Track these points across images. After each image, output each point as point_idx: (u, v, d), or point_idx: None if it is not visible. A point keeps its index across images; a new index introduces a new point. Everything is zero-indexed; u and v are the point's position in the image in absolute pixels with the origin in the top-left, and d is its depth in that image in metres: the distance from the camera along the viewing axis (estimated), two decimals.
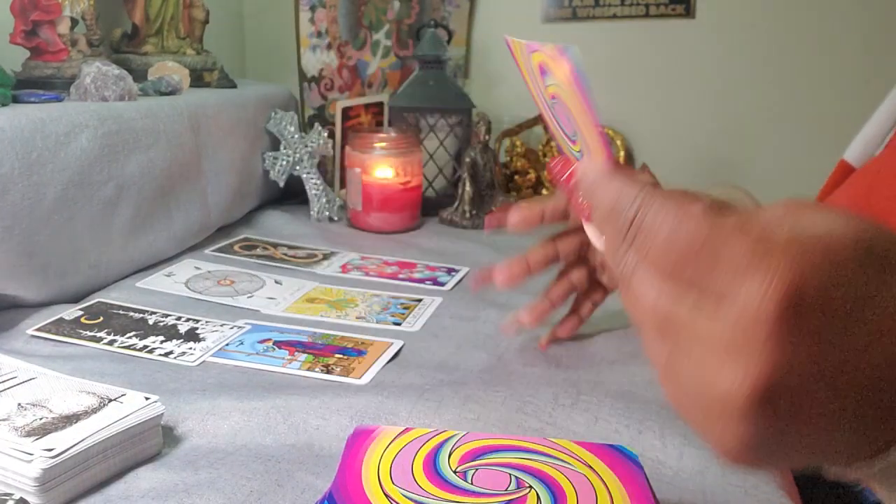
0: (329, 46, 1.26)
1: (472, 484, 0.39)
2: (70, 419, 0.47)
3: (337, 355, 0.67)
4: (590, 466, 0.41)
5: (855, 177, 0.66)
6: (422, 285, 0.88)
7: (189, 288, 0.84)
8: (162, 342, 0.69)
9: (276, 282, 0.87)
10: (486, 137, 1.17)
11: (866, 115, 0.69)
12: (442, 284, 0.88)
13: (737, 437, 0.24)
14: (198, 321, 0.74)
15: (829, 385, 0.23)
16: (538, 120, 1.43)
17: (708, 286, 0.24)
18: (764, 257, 0.23)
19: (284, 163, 1.14)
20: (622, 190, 0.28)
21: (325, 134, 1.18)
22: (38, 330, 0.70)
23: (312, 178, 1.16)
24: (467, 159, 1.15)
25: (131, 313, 0.75)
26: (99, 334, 0.70)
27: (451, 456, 0.42)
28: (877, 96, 0.68)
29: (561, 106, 0.40)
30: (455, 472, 0.40)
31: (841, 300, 0.22)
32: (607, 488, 0.39)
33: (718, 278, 0.24)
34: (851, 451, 0.25)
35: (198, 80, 1.10)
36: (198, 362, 0.65)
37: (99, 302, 0.78)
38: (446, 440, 0.43)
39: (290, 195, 1.23)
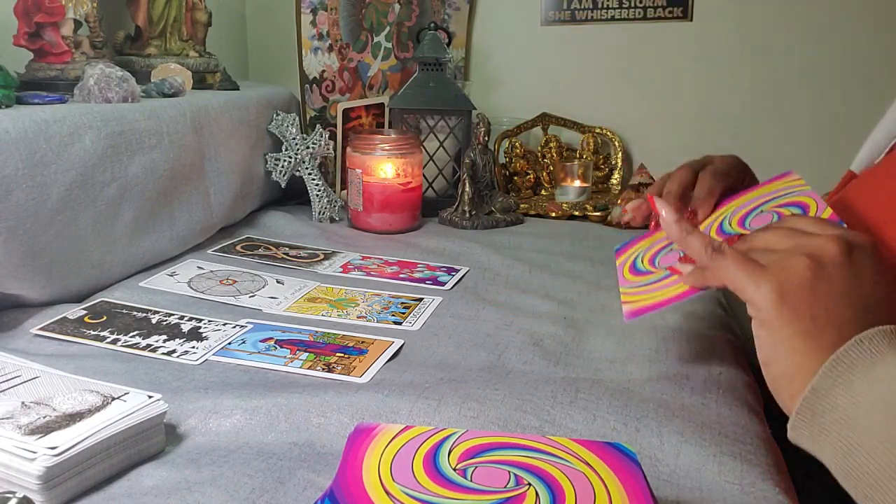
0: (330, 49, 1.26)
1: (471, 481, 0.40)
2: (73, 417, 0.48)
3: (338, 354, 0.67)
4: (588, 464, 0.41)
5: (853, 184, 0.67)
6: (422, 285, 0.88)
7: (192, 287, 0.85)
8: (165, 341, 0.69)
9: (278, 281, 0.88)
10: (486, 139, 1.18)
11: (865, 117, 0.69)
12: (442, 284, 0.89)
13: None
14: (200, 320, 0.74)
15: None
16: (536, 121, 1.43)
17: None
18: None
19: (286, 164, 1.15)
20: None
21: (327, 135, 1.19)
22: (42, 329, 0.71)
23: (314, 179, 1.16)
24: (467, 160, 1.16)
25: (134, 313, 0.76)
26: (102, 333, 0.71)
27: (451, 454, 0.42)
28: (876, 98, 0.69)
29: (766, 216, 0.59)
30: (455, 469, 0.41)
31: None
32: (605, 486, 0.40)
33: None
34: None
35: (200, 81, 1.11)
36: (200, 361, 0.66)
37: (102, 301, 0.79)
38: (446, 438, 0.43)
39: (292, 196, 1.24)
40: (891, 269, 0.47)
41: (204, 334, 0.71)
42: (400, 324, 0.76)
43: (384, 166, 1.11)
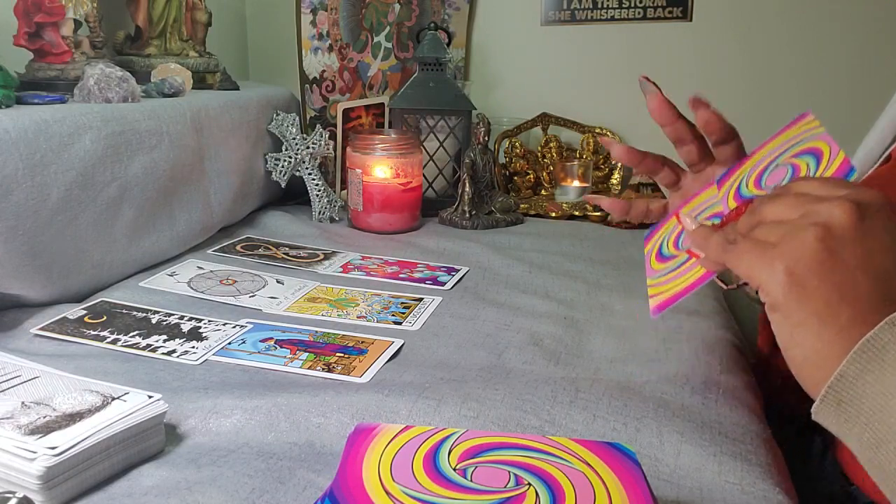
0: (330, 49, 1.26)
1: (471, 481, 0.40)
2: (73, 417, 0.48)
3: (338, 354, 0.67)
4: (588, 464, 0.41)
5: None
6: (422, 285, 0.88)
7: (192, 287, 0.85)
8: (165, 341, 0.69)
9: (278, 281, 0.88)
10: (486, 139, 1.18)
11: (865, 117, 0.69)
12: (442, 284, 0.89)
13: None
14: (200, 320, 0.74)
15: None
16: (536, 121, 1.43)
17: None
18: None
19: (286, 164, 1.15)
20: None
21: (327, 135, 1.19)
22: (42, 329, 0.71)
23: (314, 179, 1.16)
24: (467, 160, 1.16)
25: (134, 312, 0.76)
26: (102, 333, 0.71)
27: (451, 453, 0.42)
28: (874, 101, 0.69)
29: (781, 170, 0.57)
30: (455, 469, 0.41)
31: None
32: (605, 486, 0.40)
33: None
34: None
35: (200, 81, 1.11)
36: (200, 361, 0.66)
37: (102, 301, 0.79)
38: (446, 438, 0.43)
39: (292, 196, 1.24)
40: None
41: (204, 334, 0.71)
42: (400, 324, 0.76)
43: (384, 166, 1.11)
